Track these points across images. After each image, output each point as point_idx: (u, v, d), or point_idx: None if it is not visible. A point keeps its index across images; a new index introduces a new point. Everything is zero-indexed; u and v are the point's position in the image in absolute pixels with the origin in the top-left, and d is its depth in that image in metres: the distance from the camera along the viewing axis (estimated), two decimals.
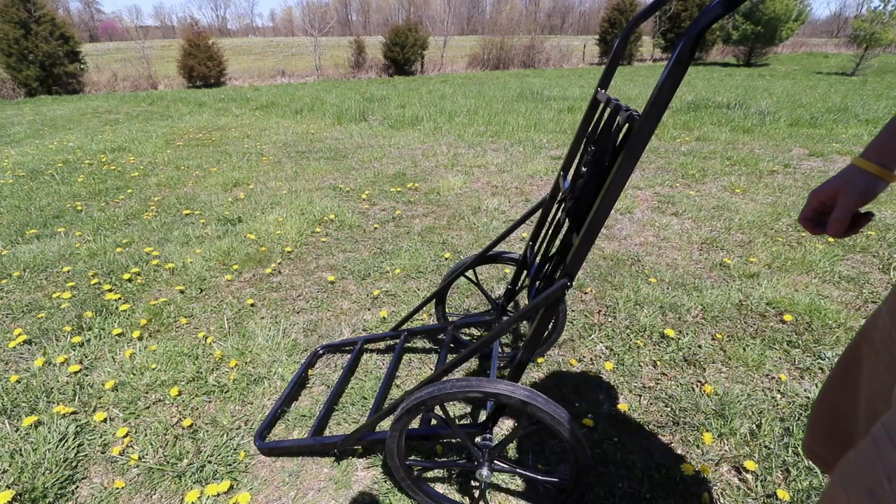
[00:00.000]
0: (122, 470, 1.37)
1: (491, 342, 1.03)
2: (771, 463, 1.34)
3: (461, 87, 11.48)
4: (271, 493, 1.30)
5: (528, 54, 20.37)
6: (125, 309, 2.16)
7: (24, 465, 1.35)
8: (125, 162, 4.85)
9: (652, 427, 1.47)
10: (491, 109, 7.59)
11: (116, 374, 1.74)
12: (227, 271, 2.52)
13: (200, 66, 15.03)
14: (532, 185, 3.85)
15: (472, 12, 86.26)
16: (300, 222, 3.12)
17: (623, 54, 1.10)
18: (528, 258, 1.42)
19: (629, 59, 20.99)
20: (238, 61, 21.44)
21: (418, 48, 18.00)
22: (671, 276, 2.35)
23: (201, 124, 7.12)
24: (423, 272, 2.47)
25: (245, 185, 4.01)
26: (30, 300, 2.26)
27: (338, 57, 19.51)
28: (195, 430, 1.50)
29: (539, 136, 5.65)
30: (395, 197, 3.65)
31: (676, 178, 3.95)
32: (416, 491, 1.21)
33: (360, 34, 19.86)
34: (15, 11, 12.13)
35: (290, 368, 1.77)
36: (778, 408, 1.54)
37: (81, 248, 2.79)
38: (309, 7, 41.31)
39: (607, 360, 1.77)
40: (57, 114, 8.75)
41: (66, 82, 13.36)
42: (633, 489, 1.27)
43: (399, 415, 1.08)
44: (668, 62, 0.65)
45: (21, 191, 3.92)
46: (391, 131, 6.26)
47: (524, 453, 1.39)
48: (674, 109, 7.03)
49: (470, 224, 3.09)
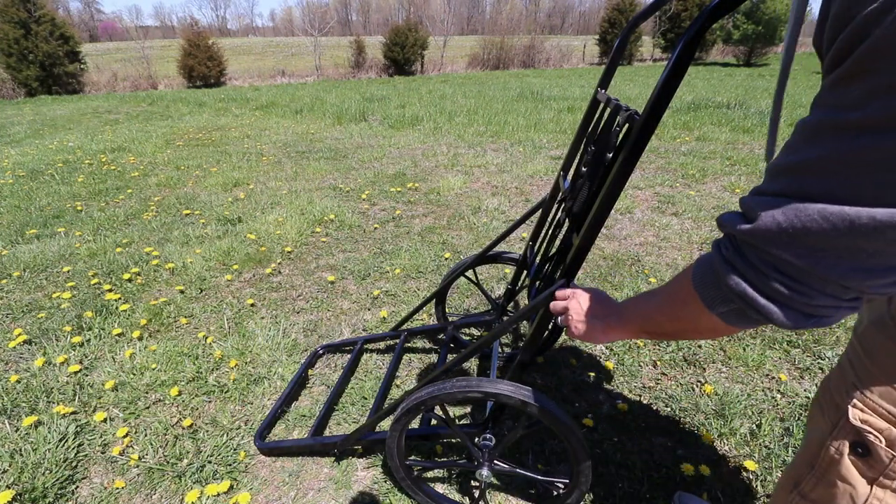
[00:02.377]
0: (122, 470, 1.37)
1: (491, 342, 1.03)
2: (771, 463, 1.34)
3: (461, 87, 11.48)
4: (271, 493, 1.30)
5: (528, 54, 20.38)
6: (125, 309, 2.16)
7: (24, 465, 1.35)
8: (125, 162, 4.85)
9: (652, 427, 1.47)
10: (491, 109, 7.59)
11: (116, 374, 1.74)
12: (227, 271, 2.52)
13: (200, 66, 15.03)
14: (532, 185, 3.85)
15: (472, 12, 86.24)
16: (300, 222, 3.12)
17: (623, 54, 1.10)
18: (528, 258, 1.41)
19: (629, 59, 20.99)
20: (238, 61, 21.44)
21: (418, 48, 18.00)
22: (671, 276, 2.35)
23: (201, 124, 7.12)
24: (423, 272, 2.47)
25: (245, 185, 4.01)
26: (30, 300, 2.26)
27: (338, 57, 19.51)
28: (195, 430, 1.50)
29: (539, 136, 5.65)
30: (395, 197, 3.65)
31: (676, 178, 3.95)
32: (416, 491, 1.21)
33: (360, 34, 19.87)
34: (15, 11, 12.13)
35: (290, 368, 1.77)
36: (778, 408, 1.54)
37: (81, 248, 2.79)
38: (309, 7, 41.31)
39: (607, 360, 1.77)
40: (57, 114, 8.75)
41: (66, 82, 13.37)
42: (633, 489, 1.27)
43: (399, 415, 1.08)
44: (668, 62, 0.65)
45: (21, 191, 3.92)
46: (391, 131, 6.26)
47: (524, 453, 1.39)
48: (674, 109, 7.03)
49: (470, 224, 3.09)
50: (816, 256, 0.40)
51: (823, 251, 0.40)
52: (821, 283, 0.42)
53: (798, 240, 0.41)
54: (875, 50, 0.34)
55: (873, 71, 0.34)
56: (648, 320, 0.66)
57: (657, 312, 0.63)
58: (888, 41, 0.33)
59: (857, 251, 0.38)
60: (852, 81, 0.36)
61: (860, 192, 0.37)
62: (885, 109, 0.34)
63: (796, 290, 0.44)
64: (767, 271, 0.45)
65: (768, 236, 0.43)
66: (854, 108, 0.36)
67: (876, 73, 0.34)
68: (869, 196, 0.36)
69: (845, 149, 0.36)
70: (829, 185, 0.38)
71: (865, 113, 0.35)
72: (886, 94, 0.33)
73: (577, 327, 0.78)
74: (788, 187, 0.42)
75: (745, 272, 0.47)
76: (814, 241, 0.40)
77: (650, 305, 0.65)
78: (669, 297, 0.60)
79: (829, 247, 0.39)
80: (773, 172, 0.44)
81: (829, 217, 0.38)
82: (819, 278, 0.42)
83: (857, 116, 0.35)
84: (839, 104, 0.37)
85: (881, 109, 0.34)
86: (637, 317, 0.68)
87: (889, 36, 0.32)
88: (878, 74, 0.34)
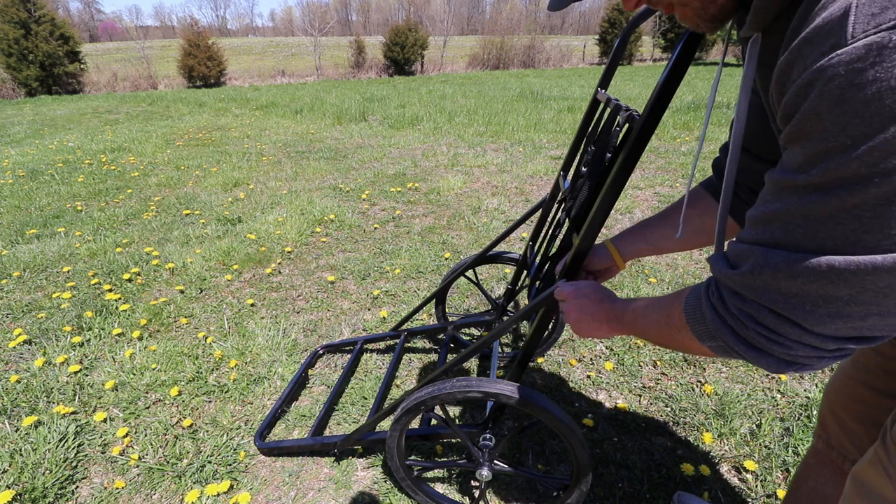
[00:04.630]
0: (122, 470, 1.37)
1: (491, 342, 1.03)
2: (771, 463, 1.34)
3: (461, 87, 11.48)
4: (271, 493, 1.30)
5: (527, 54, 20.38)
6: (125, 309, 2.16)
7: (24, 465, 1.35)
8: (125, 162, 4.85)
9: (652, 427, 1.47)
10: (491, 109, 7.59)
11: (116, 374, 1.73)
12: (227, 271, 2.52)
13: (200, 66, 15.03)
14: (532, 185, 3.85)
15: (472, 12, 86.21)
16: (300, 222, 3.12)
17: (623, 54, 1.10)
18: (528, 258, 1.41)
19: (629, 59, 20.99)
20: (238, 61, 21.44)
21: (418, 48, 18.00)
22: (671, 276, 2.35)
23: (201, 124, 7.12)
24: (423, 272, 2.47)
25: (245, 185, 4.01)
26: (30, 300, 2.26)
27: (338, 57, 19.52)
28: (195, 430, 1.50)
29: (539, 136, 5.65)
30: (395, 197, 3.65)
31: (676, 178, 3.95)
32: (416, 491, 1.21)
33: (360, 34, 19.85)
34: (15, 11, 12.14)
35: (290, 368, 1.77)
36: (778, 408, 1.54)
37: (81, 248, 2.79)
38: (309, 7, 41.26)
39: (607, 360, 1.77)
40: (57, 114, 8.75)
41: (66, 82, 13.37)
42: (633, 489, 1.27)
43: (399, 415, 1.08)
44: (668, 62, 0.65)
45: (21, 191, 3.92)
46: (391, 131, 6.26)
47: (524, 453, 1.39)
48: (674, 109, 7.03)
49: (470, 224, 3.09)
50: (793, 303, 0.42)
51: (798, 297, 0.42)
52: (798, 332, 0.44)
53: (773, 286, 0.43)
54: (806, 119, 0.37)
55: (808, 138, 0.38)
56: (644, 334, 0.67)
57: (652, 331, 0.65)
58: (815, 111, 0.36)
59: (830, 298, 0.40)
60: (794, 145, 0.40)
61: (821, 243, 0.39)
62: (824, 173, 0.37)
63: (774, 340, 0.46)
64: (746, 321, 0.47)
65: (746, 282, 0.46)
66: (800, 171, 0.39)
67: (810, 139, 0.38)
68: (829, 246, 0.39)
69: (802, 203, 0.40)
70: (793, 235, 0.41)
71: (809, 175, 0.38)
72: (823, 160, 0.37)
73: (579, 328, 0.78)
74: (762, 236, 0.44)
75: (727, 318, 0.49)
76: (787, 286, 0.42)
77: (647, 321, 0.66)
78: (663, 320, 0.61)
79: (801, 293, 0.41)
80: (750, 221, 0.47)
81: (795, 264, 0.41)
82: (797, 327, 0.43)
83: (803, 178, 0.39)
84: (789, 165, 0.41)
85: (821, 173, 0.37)
86: (635, 328, 0.69)
87: (815, 107, 0.36)
88: (813, 141, 0.37)
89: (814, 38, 0.36)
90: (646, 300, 0.68)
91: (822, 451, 0.84)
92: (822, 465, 0.85)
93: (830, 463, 0.83)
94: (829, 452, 0.83)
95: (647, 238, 0.94)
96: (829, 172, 0.37)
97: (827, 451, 0.83)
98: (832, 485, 0.82)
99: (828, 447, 0.83)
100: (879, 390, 0.71)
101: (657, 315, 0.63)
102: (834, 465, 0.82)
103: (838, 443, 0.81)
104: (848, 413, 0.77)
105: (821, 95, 0.35)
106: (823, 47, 0.35)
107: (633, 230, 0.96)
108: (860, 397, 0.74)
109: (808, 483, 0.88)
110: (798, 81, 0.37)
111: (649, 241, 0.94)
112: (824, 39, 0.35)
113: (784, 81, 0.40)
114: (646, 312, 0.66)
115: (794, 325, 0.43)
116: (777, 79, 0.41)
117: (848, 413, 0.77)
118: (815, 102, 0.36)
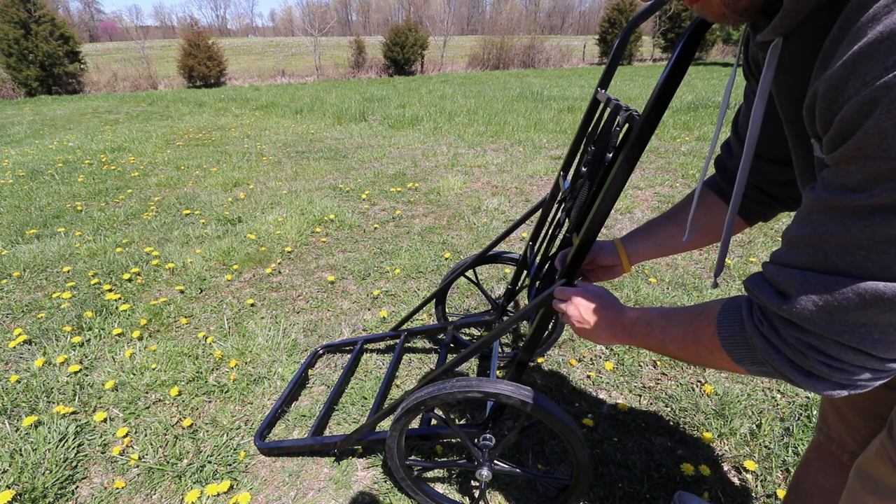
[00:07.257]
0: (122, 470, 1.37)
1: (491, 342, 1.03)
2: (771, 463, 1.34)
3: (461, 87, 11.48)
4: (271, 493, 1.30)
5: (527, 54, 20.38)
6: (125, 309, 2.16)
7: (24, 465, 1.35)
8: (125, 162, 4.84)
9: (652, 427, 1.47)
10: (491, 109, 7.59)
11: (116, 374, 1.73)
12: (227, 271, 2.52)
13: (200, 66, 15.04)
14: (532, 185, 3.85)
15: (472, 12, 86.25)
16: (300, 222, 3.12)
17: (623, 54, 1.10)
18: (528, 258, 1.41)
19: (629, 59, 20.99)
20: (238, 61, 21.44)
21: (418, 48, 18.01)
22: (671, 276, 2.35)
23: (201, 124, 7.12)
24: (423, 272, 2.47)
25: (245, 185, 4.01)
26: (30, 300, 2.26)
27: (338, 57, 19.52)
28: (195, 430, 1.50)
29: (539, 136, 5.65)
30: (395, 197, 3.65)
31: (676, 178, 3.95)
32: (416, 491, 1.21)
33: (360, 34, 19.85)
34: (15, 11, 12.14)
35: (290, 368, 1.77)
36: (778, 408, 1.54)
37: (81, 248, 2.79)
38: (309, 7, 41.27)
39: (607, 360, 1.77)
40: (57, 114, 8.75)
41: (66, 82, 13.38)
42: (634, 489, 1.27)
43: (399, 415, 1.08)
44: (668, 62, 0.65)
45: (21, 191, 3.92)
46: (391, 131, 6.26)
47: (524, 453, 1.39)
48: (674, 109, 7.03)
49: (470, 224, 3.09)
50: (860, 333, 0.40)
51: (866, 326, 0.40)
52: (862, 358, 0.42)
53: (837, 318, 0.41)
54: (868, 138, 0.35)
55: (871, 156, 0.36)
56: (662, 348, 0.64)
57: (673, 346, 0.62)
58: (880, 129, 0.34)
59: None
60: (850, 164, 0.38)
61: (888, 267, 0.37)
62: (891, 193, 0.35)
63: (836, 367, 0.44)
64: (807, 351, 0.45)
65: (807, 316, 0.43)
66: (860, 191, 0.37)
67: (873, 158, 0.36)
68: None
69: (863, 225, 0.37)
70: (854, 259, 0.39)
71: (872, 195, 0.36)
72: (888, 179, 0.35)
73: (580, 331, 0.77)
74: (813, 260, 0.42)
75: (782, 349, 0.47)
76: (853, 318, 0.40)
77: (666, 336, 0.63)
78: (689, 337, 0.59)
79: (870, 322, 0.40)
80: (793, 243, 0.45)
81: (863, 294, 0.38)
82: (862, 354, 0.42)
83: (864, 198, 0.37)
84: (844, 185, 0.39)
85: (886, 193, 0.35)
86: (649, 341, 0.66)
87: (880, 125, 0.34)
88: (877, 160, 0.35)
89: (872, 53, 0.34)
90: (658, 312, 0.66)
91: (822, 443, 0.84)
92: (822, 460, 0.85)
93: (830, 455, 0.83)
94: (830, 445, 0.83)
95: (653, 238, 0.93)
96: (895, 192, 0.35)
97: (827, 443, 0.83)
98: (832, 478, 0.82)
99: (828, 439, 0.83)
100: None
101: (680, 331, 0.61)
102: (834, 457, 0.82)
103: (837, 435, 0.81)
104: (848, 405, 0.77)
105: (887, 113, 0.34)
106: (886, 63, 0.34)
107: (640, 231, 0.95)
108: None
109: (808, 478, 0.88)
110: (857, 98, 0.35)
111: (656, 241, 0.92)
112: (886, 55, 0.34)
113: (836, 97, 0.38)
114: (664, 327, 0.64)
115: (859, 352, 0.42)
116: (826, 94, 0.39)
117: (848, 405, 0.77)
118: (881, 120, 0.34)
